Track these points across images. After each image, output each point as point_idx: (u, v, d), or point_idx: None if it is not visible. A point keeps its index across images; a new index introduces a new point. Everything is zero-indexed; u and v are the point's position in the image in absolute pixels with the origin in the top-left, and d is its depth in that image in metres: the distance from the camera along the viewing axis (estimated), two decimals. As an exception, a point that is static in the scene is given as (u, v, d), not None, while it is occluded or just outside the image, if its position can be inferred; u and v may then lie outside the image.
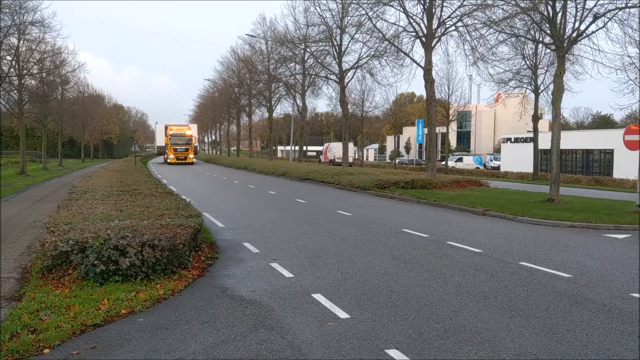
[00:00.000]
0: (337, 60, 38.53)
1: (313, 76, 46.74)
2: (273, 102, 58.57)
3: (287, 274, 9.14)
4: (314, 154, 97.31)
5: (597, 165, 50.71)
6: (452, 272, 9.39)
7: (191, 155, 62.84)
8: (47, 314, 6.75)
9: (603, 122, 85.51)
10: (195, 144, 67.49)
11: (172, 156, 61.42)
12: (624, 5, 18.65)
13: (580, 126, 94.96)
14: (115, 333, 6.32)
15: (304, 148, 72.66)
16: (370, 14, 30.39)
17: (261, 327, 6.52)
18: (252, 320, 6.77)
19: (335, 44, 37.82)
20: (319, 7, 36.83)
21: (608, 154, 48.52)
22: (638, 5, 18.69)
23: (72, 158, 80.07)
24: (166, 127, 67.40)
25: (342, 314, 6.93)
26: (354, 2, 32.19)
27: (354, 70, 38.93)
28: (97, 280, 8.05)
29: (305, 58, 45.11)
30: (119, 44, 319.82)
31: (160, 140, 71.12)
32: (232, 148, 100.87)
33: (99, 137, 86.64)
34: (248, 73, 61.30)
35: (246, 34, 65.23)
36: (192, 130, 67.77)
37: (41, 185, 30.66)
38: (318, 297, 7.70)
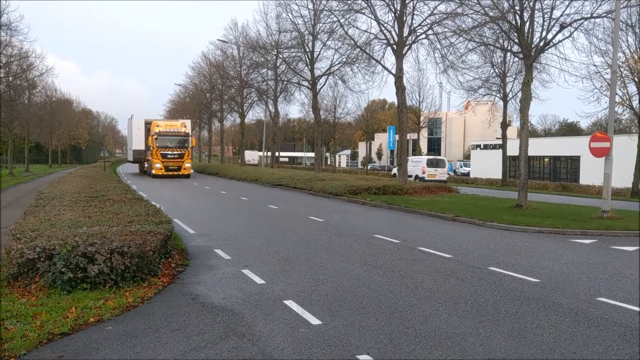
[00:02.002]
0: (309, 66, 38.60)
1: (285, 82, 46.73)
2: (245, 108, 58.29)
3: (258, 280, 9.11)
4: (286, 159, 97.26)
5: (564, 171, 51.73)
6: (423, 278, 9.47)
7: (187, 165, 43.99)
8: (13, 323, 6.60)
9: (570, 130, 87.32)
10: (192, 147, 46.91)
11: (159, 165, 42.43)
12: (589, 15, 19.13)
13: (547, 133, 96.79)
14: (83, 342, 6.22)
15: (277, 154, 72.50)
16: (342, 21, 30.58)
17: (232, 334, 6.48)
18: (223, 327, 6.72)
19: (308, 50, 37.88)
20: (291, 14, 36.86)
21: (575, 161, 49.54)
22: (603, 15, 19.19)
23: (39, 163, 78.49)
24: (148, 123, 47.91)
25: (314, 320, 6.93)
26: (326, 9, 32.35)
27: (326, 76, 39.05)
28: (64, 288, 7.90)
29: (278, 64, 45.09)
30: (86, 48, 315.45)
31: (137, 142, 48.66)
32: (203, 153, 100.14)
33: (67, 143, 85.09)
34: (220, 78, 60.89)
35: (218, 39, 63.66)
36: (188, 128, 47.25)
37: (7, 191, 29.96)
38: (290, 303, 7.68)
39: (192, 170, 46.13)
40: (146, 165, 48.39)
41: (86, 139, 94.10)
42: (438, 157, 46.51)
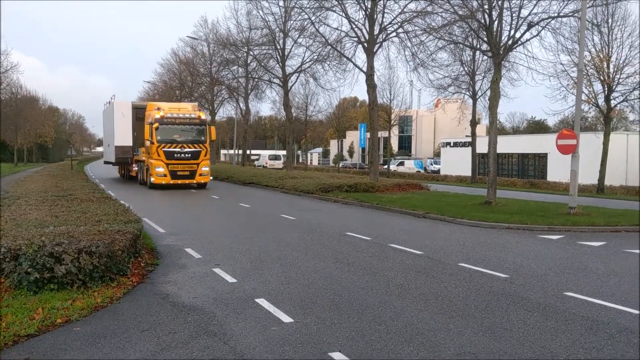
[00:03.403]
0: (280, 64, 38.49)
1: (256, 80, 46.48)
2: (216, 105, 57.85)
3: (230, 279, 9.05)
4: (258, 157, 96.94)
5: (532, 168, 52.57)
6: (394, 274, 9.53)
7: (205, 169, 29.34)
8: (-24, 326, 6.43)
9: (537, 127, 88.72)
10: (212, 140, 30.69)
11: (161, 170, 28.10)
12: (556, 14, 19.46)
13: (516, 131, 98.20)
14: (50, 343, 6.09)
15: (248, 152, 72.18)
16: (313, 18, 30.53)
17: (203, 333, 6.42)
18: (194, 326, 6.66)
19: (279, 47, 37.76)
20: (262, 11, 36.66)
21: (542, 158, 50.38)
22: (570, 14, 19.54)
23: (4, 162, 76.47)
24: (138, 108, 33.68)
25: (286, 318, 6.91)
26: (297, 6, 32.25)
27: (297, 74, 38.97)
28: (31, 288, 7.73)
29: (248, 61, 44.84)
30: (51, 44, 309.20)
31: (122, 136, 33.39)
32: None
33: (33, 141, 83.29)
34: (189, 75, 60.27)
35: (187, 36, 62.69)
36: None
37: (-30, 190, 29.23)
38: (261, 301, 7.65)
39: (211, 177, 31.09)
40: (135, 169, 33.30)
41: (53, 137, 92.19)
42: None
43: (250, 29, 40.36)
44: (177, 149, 28.36)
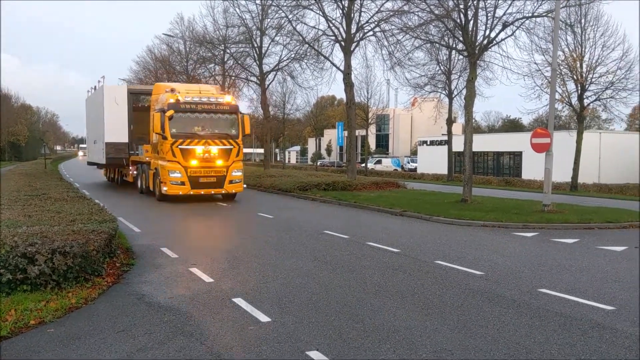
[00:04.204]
0: (257, 62, 38.37)
1: (233, 77, 46.23)
2: (192, 104, 57.37)
3: (207, 278, 8.99)
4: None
5: (507, 166, 53.22)
6: (371, 273, 9.56)
7: (237, 173, 21.76)
8: (-54, 328, 6.30)
9: (512, 126, 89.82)
10: (246, 135, 22.44)
11: (178, 175, 20.68)
12: (530, 14, 19.71)
13: (491, 129, 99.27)
14: (24, 345, 6.00)
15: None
16: (290, 16, 30.49)
17: (180, 333, 6.38)
18: (171, 327, 6.61)
19: (256, 45, 37.64)
20: (239, 9, 36.51)
21: (517, 156, 51.01)
22: (544, 14, 19.80)
23: (-25, 161, 75.28)
24: (136, 93, 29.16)
25: (263, 318, 6.90)
26: (274, 4, 32.19)
27: (274, 72, 38.88)
28: (3, 290, 7.59)
29: (225, 59, 44.56)
30: (24, 40, 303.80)
31: (116, 130, 25.73)
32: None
33: (5, 139, 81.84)
34: (165, 73, 59.69)
35: (163, 34, 62.16)
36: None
37: (-60, 190, 28.63)
38: (239, 301, 7.62)
39: (244, 185, 23.27)
40: (133, 173, 26.29)
41: (26, 136, 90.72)
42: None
43: (227, 26, 40.13)
44: (200, 147, 20.84)
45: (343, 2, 27.88)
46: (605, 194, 30.76)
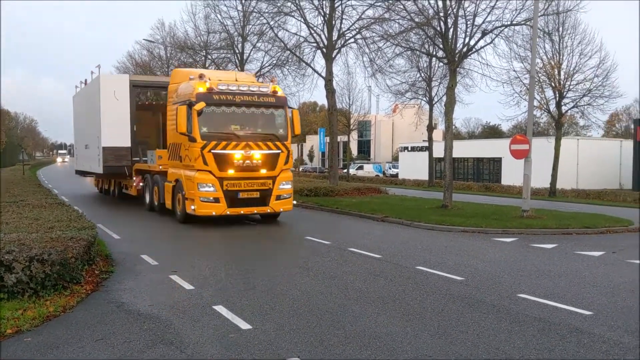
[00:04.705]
0: (239, 68, 38.21)
1: (215, 83, 46.12)
2: (173, 110, 57.04)
3: (187, 286, 8.93)
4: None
5: (487, 172, 53.65)
6: (353, 279, 9.57)
7: (285, 186, 16.85)
8: None
9: (492, 132, 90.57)
10: (295, 135, 17.66)
11: (209, 188, 15.62)
12: (509, 22, 19.95)
13: (471, 136, 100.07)
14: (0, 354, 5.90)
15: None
16: (271, 23, 30.50)
17: (160, 342, 6.32)
18: (150, 335, 6.55)
19: (237, 51, 37.53)
20: (220, 15, 36.37)
21: (497, 162, 51.46)
22: (522, 23, 20.07)
23: (-50, 167, 73.95)
24: (140, 86, 24.44)
25: (244, 325, 6.87)
26: (256, 11, 32.19)
27: (256, 78, 38.83)
28: (-22, 299, 7.47)
29: (207, 65, 44.38)
30: None
31: (113, 132, 21.20)
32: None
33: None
34: (146, 79, 59.35)
35: (144, 39, 62.26)
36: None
37: None
38: (219, 308, 7.58)
39: (294, 201, 18.74)
40: (138, 185, 21.32)
41: (3, 141, 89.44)
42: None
43: (209, 32, 39.99)
44: (239, 151, 15.90)
45: (324, 9, 27.98)
46: (583, 200, 31.15)
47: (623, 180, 44.42)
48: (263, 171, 16.19)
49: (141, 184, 21.15)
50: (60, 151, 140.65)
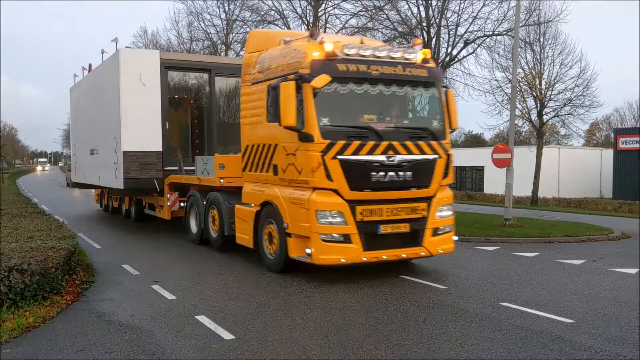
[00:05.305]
0: (222, 76, 38.22)
1: (198, 92, 45.99)
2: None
3: (169, 296, 8.85)
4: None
5: (470, 181, 54.00)
6: (335, 288, 9.55)
7: (446, 212, 10.82)
8: None
9: (475, 141, 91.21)
10: (453, 130, 11.03)
11: (337, 219, 9.33)
12: (491, 33, 20.23)
13: (454, 144, 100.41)
14: (-24, 368, 5.79)
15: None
16: (255, 31, 30.50)
17: (141, 352, 6.25)
18: (132, 346, 6.48)
19: (221, 60, 37.53)
20: (203, 23, 36.39)
21: (479, 171, 51.82)
22: (504, 33, 20.35)
23: None
24: (181, 67, 16.51)
25: (227, 335, 6.82)
26: (239, 19, 32.25)
27: (240, 86, 38.77)
28: (-45, 310, 7.33)
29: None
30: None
31: (137, 132, 14.98)
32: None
33: (-39, 153, 79.58)
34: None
35: (126, 47, 62.43)
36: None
37: None
38: (202, 318, 7.52)
39: (455, 238, 11.29)
40: (175, 206, 15.48)
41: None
42: None
43: (192, 40, 39.94)
44: (381, 157, 9.77)
45: (308, 18, 28.06)
46: (565, 208, 31.48)
47: (603, 188, 44.94)
48: (413, 189, 10.21)
49: (181, 204, 15.30)
50: (40, 159, 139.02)
